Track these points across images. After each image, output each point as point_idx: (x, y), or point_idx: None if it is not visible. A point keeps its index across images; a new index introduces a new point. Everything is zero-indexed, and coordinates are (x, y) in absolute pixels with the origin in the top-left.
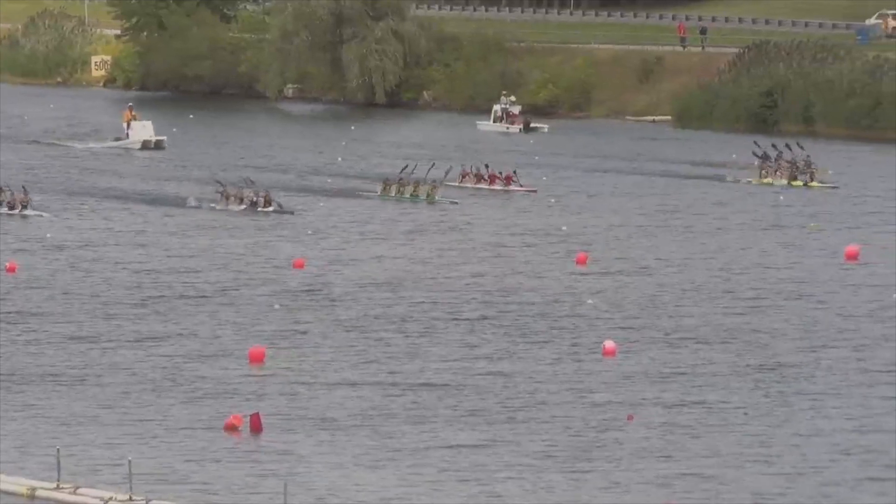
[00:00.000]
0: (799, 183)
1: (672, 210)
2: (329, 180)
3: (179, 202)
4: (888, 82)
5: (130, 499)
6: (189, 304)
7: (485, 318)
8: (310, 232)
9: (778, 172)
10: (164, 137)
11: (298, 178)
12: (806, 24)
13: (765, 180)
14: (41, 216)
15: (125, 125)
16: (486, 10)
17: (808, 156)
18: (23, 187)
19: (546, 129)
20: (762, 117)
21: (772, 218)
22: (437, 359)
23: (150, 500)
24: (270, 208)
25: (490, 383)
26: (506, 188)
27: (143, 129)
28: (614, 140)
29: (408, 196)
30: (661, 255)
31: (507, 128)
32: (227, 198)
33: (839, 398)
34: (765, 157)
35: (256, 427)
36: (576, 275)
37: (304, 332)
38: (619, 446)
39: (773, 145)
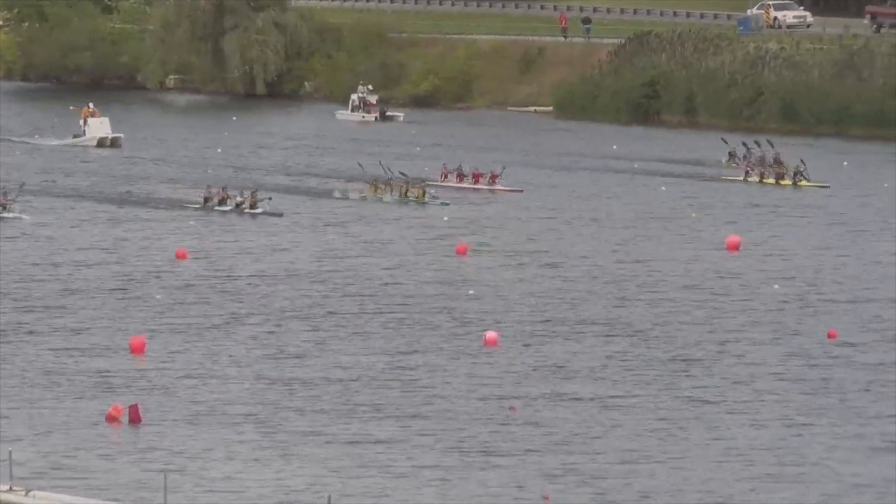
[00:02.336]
0: (787, 182)
1: (556, 201)
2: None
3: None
4: (769, 73)
5: (11, 489)
6: (75, 297)
7: (368, 311)
8: (192, 222)
9: (763, 171)
10: (121, 135)
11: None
12: (688, 15)
13: (749, 179)
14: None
15: (82, 122)
16: (368, 1)
17: (777, 153)
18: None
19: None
20: (644, 108)
21: (662, 210)
22: (322, 353)
23: (30, 491)
24: (258, 210)
25: (374, 376)
26: (491, 188)
27: (99, 126)
28: (482, 130)
29: (397, 197)
30: (544, 247)
31: (364, 116)
32: (210, 199)
33: (725, 392)
34: (732, 155)
35: (135, 418)
36: (458, 265)
37: (188, 324)
38: (502, 438)
39: (744, 143)
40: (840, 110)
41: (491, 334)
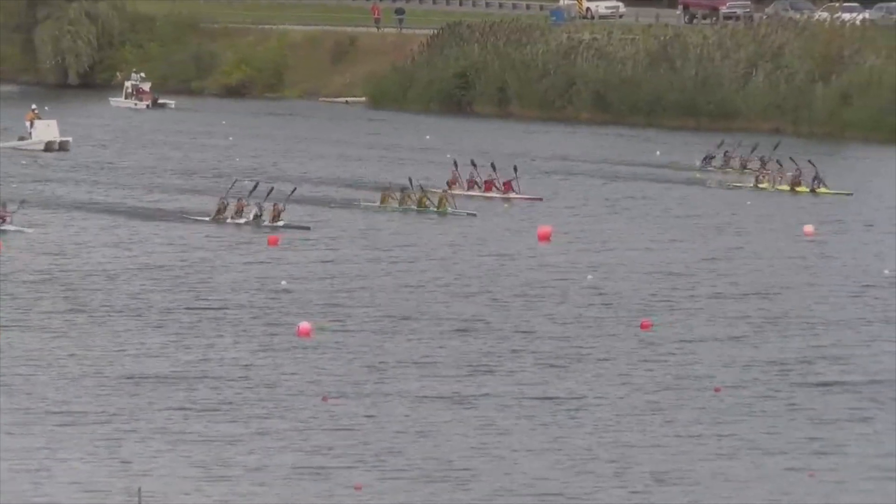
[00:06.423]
0: (804, 189)
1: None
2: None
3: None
4: (582, 63)
5: None
6: None
7: (179, 306)
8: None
9: (779, 178)
10: (70, 138)
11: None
12: (500, 5)
13: (761, 186)
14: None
15: (28, 124)
16: None
17: (762, 156)
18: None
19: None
20: (457, 98)
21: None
22: (138, 348)
23: None
24: (281, 223)
25: (189, 370)
26: (504, 195)
27: (46, 130)
28: (293, 120)
29: (413, 207)
30: (365, 240)
31: (136, 104)
32: (223, 210)
33: (540, 387)
34: (708, 158)
35: None
36: (271, 257)
37: (14, 318)
38: (314, 430)
39: (722, 146)
40: (652, 101)
41: (304, 325)
